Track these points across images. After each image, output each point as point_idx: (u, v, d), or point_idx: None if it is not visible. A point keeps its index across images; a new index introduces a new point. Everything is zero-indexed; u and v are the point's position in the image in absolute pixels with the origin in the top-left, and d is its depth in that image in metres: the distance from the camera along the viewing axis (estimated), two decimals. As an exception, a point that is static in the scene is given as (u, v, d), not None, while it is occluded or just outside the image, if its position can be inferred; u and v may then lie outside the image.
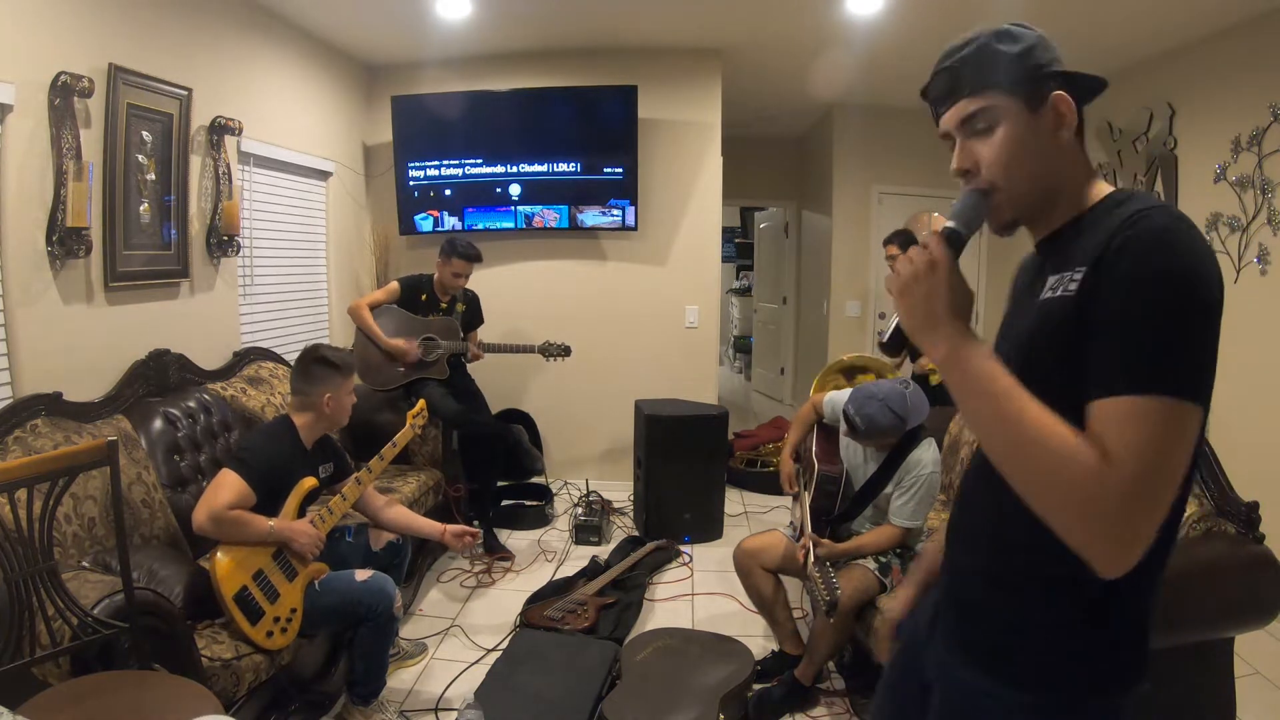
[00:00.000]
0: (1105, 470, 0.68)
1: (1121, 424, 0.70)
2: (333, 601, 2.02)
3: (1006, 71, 0.83)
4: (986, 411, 0.76)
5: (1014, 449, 0.74)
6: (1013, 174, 0.84)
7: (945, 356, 0.78)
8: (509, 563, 3.24)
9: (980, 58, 0.85)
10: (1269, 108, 2.96)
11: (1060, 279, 0.81)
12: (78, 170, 2.17)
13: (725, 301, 8.52)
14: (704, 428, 3.56)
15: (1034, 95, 0.83)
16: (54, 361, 2.20)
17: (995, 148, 0.84)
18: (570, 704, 2.07)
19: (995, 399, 0.75)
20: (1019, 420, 0.73)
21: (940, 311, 0.79)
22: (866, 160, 5.14)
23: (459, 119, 4.01)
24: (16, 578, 1.41)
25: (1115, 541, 0.69)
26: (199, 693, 1.45)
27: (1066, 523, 0.71)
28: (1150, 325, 0.71)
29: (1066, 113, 0.83)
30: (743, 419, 5.90)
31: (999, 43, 0.84)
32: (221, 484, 1.91)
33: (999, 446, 0.76)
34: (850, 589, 2.05)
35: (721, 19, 3.58)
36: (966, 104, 0.85)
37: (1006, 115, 0.83)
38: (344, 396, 2.19)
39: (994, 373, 0.76)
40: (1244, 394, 3.18)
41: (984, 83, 0.84)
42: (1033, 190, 0.86)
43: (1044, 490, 0.72)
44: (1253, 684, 2.31)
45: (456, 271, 3.36)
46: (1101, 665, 0.82)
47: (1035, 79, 0.83)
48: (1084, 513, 0.70)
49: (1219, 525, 1.71)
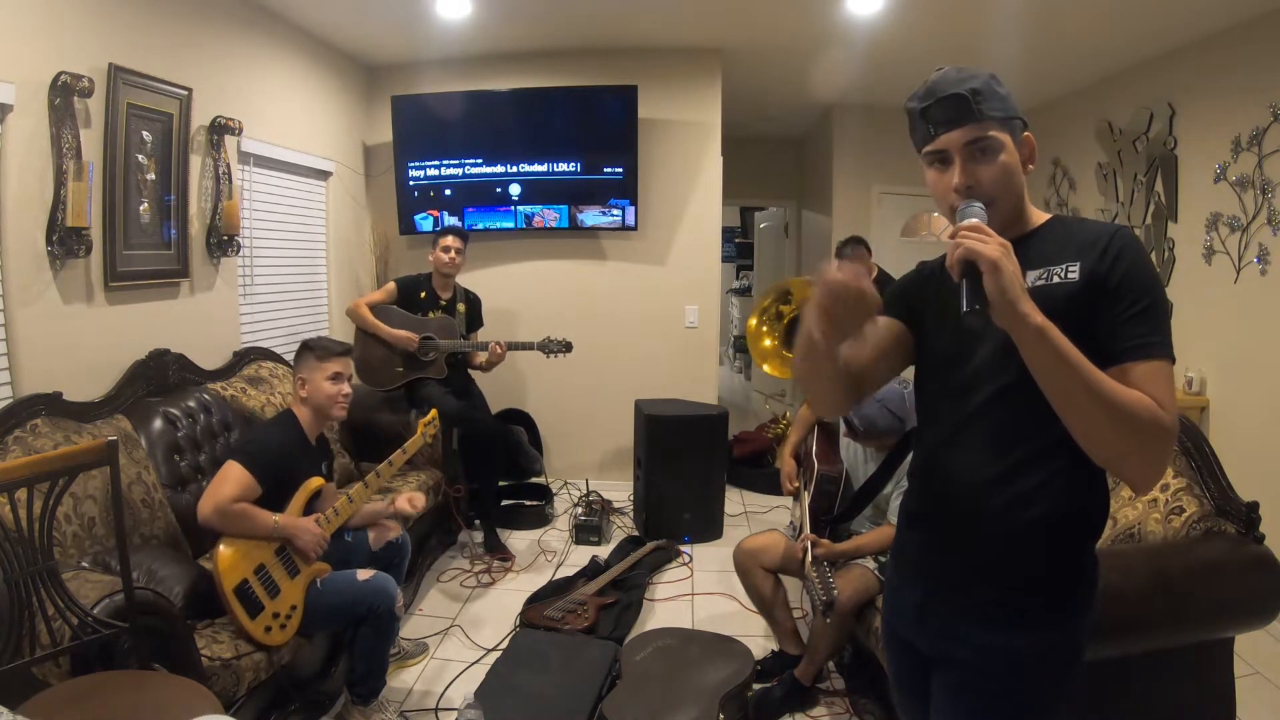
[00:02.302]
0: (1165, 416, 0.89)
1: (1160, 382, 0.91)
2: (334, 601, 2.02)
3: (1005, 109, 1.01)
4: (1074, 375, 0.89)
5: (1100, 405, 0.89)
6: (1005, 192, 1.02)
7: (1041, 325, 0.88)
8: (509, 563, 3.24)
9: (988, 93, 1.00)
10: (1269, 108, 2.96)
11: (1047, 271, 1.00)
12: (78, 170, 2.17)
13: (725, 301, 8.51)
14: (704, 428, 3.56)
15: (1015, 131, 1.02)
16: (54, 361, 2.20)
17: (997, 170, 1.00)
18: (570, 704, 2.07)
19: (1079, 365, 0.89)
20: (1099, 382, 0.89)
21: (1023, 286, 0.90)
22: (866, 160, 5.14)
23: (459, 119, 4.01)
24: (16, 578, 1.41)
25: (1163, 466, 0.94)
26: (199, 692, 1.45)
27: (1140, 458, 0.91)
28: (1160, 308, 0.94)
29: (1033, 148, 1.04)
30: (743, 419, 5.90)
31: (997, 85, 1.01)
32: (226, 477, 1.91)
33: (1084, 404, 0.90)
34: (850, 589, 2.05)
35: (721, 19, 3.58)
36: (974, 130, 0.99)
37: (1004, 145, 1.00)
38: (320, 380, 2.14)
39: (1069, 344, 0.89)
40: (1244, 394, 3.18)
41: (990, 114, 0.99)
42: (1014, 207, 1.05)
43: (1126, 435, 0.89)
44: (1253, 684, 2.31)
45: (446, 246, 3.35)
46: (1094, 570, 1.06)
47: (1016, 120, 1.02)
48: (1156, 450, 0.91)
49: (1219, 525, 1.70)
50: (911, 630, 1.14)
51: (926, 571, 1.12)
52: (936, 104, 1.00)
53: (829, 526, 2.22)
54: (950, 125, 1.00)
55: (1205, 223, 3.33)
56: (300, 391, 2.15)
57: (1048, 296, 0.95)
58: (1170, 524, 1.77)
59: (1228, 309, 3.23)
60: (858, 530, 2.28)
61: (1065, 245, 1.00)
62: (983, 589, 1.04)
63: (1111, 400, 0.88)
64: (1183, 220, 3.53)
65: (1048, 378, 0.91)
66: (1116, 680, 1.58)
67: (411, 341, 3.30)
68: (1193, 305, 3.44)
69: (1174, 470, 1.85)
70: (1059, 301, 0.96)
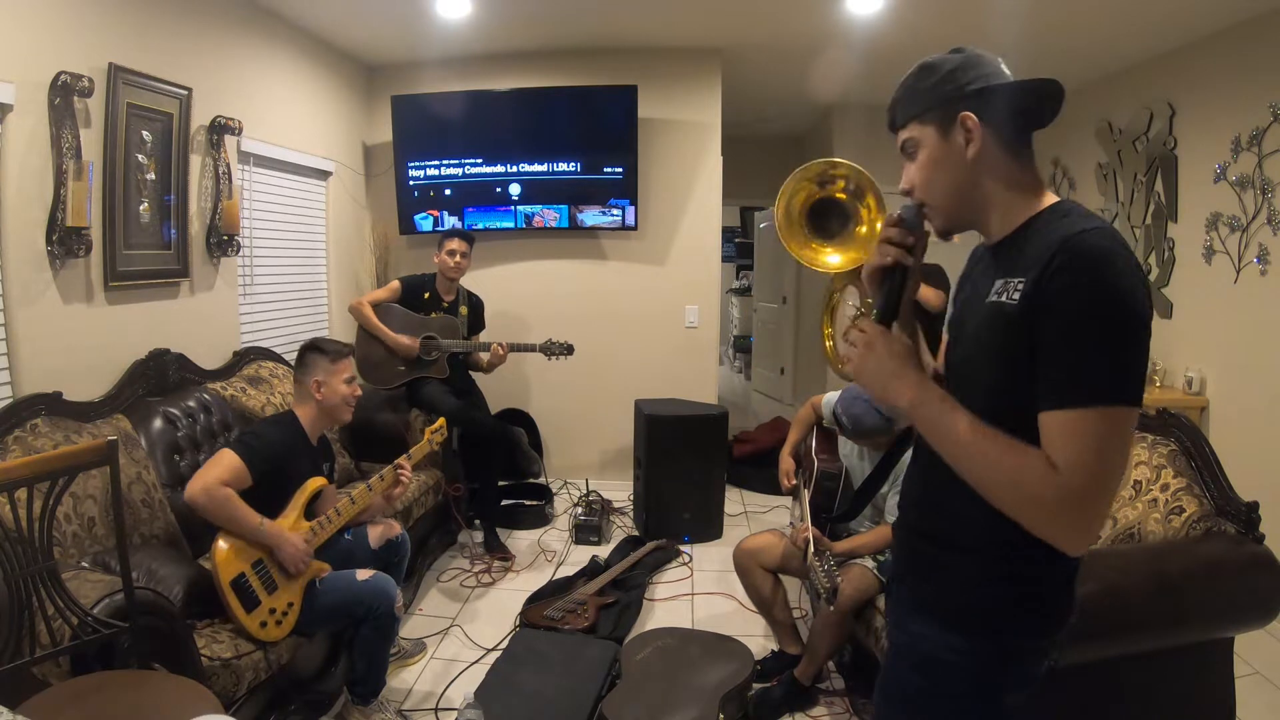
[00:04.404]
0: (1058, 480, 0.80)
1: (1067, 437, 0.80)
2: (334, 600, 2.02)
3: (920, 104, 0.96)
4: (951, 442, 0.88)
5: (980, 471, 0.86)
6: (931, 191, 0.97)
7: (911, 402, 0.91)
8: (509, 563, 3.24)
9: (904, 95, 0.98)
10: (1269, 108, 2.96)
11: (1005, 284, 0.90)
12: (78, 170, 2.17)
13: (725, 301, 8.52)
14: (704, 428, 3.56)
15: (945, 119, 0.94)
16: (54, 361, 2.20)
17: (917, 170, 0.98)
18: (570, 704, 2.07)
19: (956, 432, 0.86)
20: (979, 447, 0.85)
21: (894, 369, 0.93)
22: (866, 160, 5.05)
23: (459, 119, 4.01)
24: (16, 577, 1.41)
25: (1074, 531, 0.82)
26: (199, 692, 1.45)
27: (1030, 523, 0.83)
28: (1090, 341, 0.80)
29: (973, 129, 0.92)
30: (743, 419, 5.90)
31: (918, 80, 0.97)
32: (218, 461, 1.91)
33: (967, 470, 0.87)
34: (850, 588, 2.05)
35: (721, 19, 3.58)
36: (900, 135, 0.99)
37: (923, 142, 0.96)
38: (336, 384, 2.16)
39: (952, 410, 0.88)
40: (1244, 394, 3.18)
41: (906, 116, 0.98)
42: (952, 203, 0.97)
43: (1008, 500, 0.84)
44: (1253, 684, 2.31)
45: (452, 249, 3.36)
46: (1034, 615, 0.96)
47: (945, 105, 0.93)
48: (1044, 515, 0.82)
49: (1219, 525, 1.70)
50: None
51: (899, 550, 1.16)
52: (887, 115, 1.03)
53: (829, 525, 2.22)
54: (893, 132, 1.02)
55: (1205, 223, 3.33)
56: (316, 394, 2.13)
57: (992, 319, 0.92)
58: (1170, 524, 1.77)
59: (1228, 309, 3.23)
60: (857, 530, 2.28)
61: (1030, 250, 0.89)
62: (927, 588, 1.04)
63: (992, 466, 0.84)
64: (1183, 220, 3.53)
65: (931, 440, 0.91)
66: (1116, 680, 1.58)
67: (411, 349, 3.30)
68: (1193, 305, 3.44)
69: (1174, 470, 1.85)
70: (998, 327, 0.90)
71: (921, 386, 0.91)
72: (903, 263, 1.00)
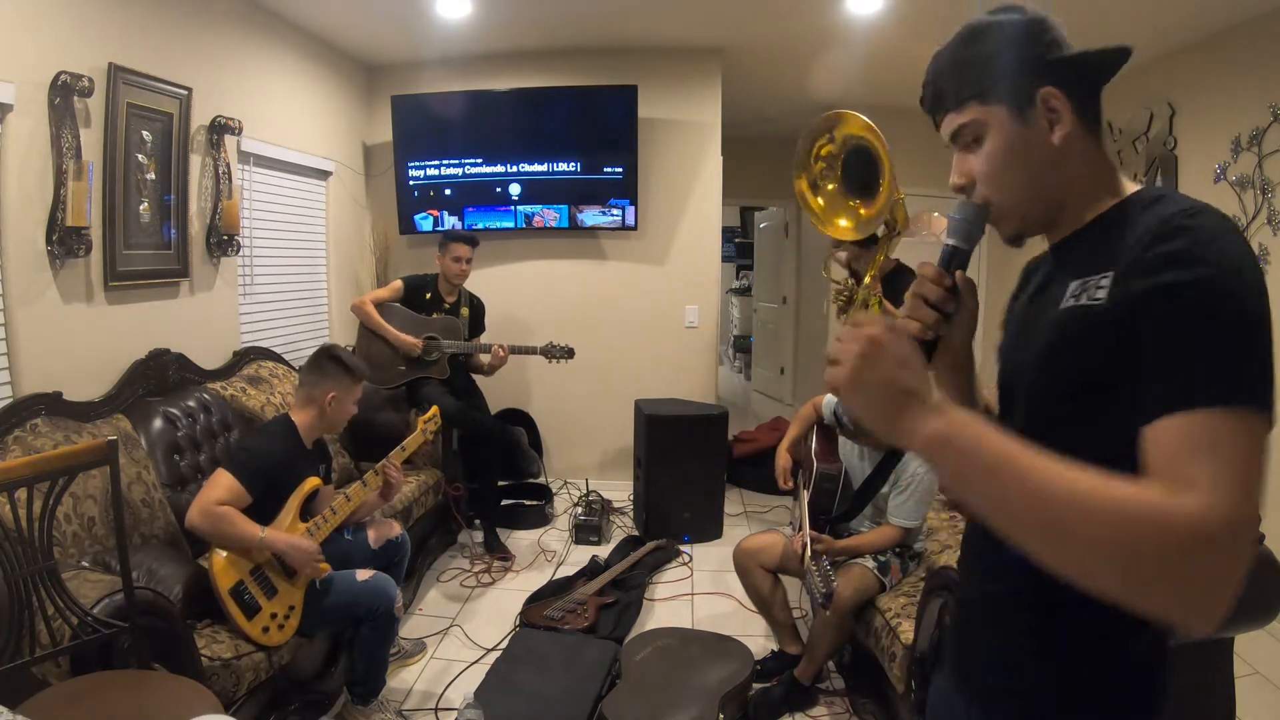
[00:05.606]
0: (1185, 506, 0.54)
1: (1196, 447, 0.57)
2: (334, 601, 2.02)
3: (980, 80, 0.77)
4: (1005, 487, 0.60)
5: (1051, 528, 0.58)
6: (1006, 187, 0.77)
7: (935, 437, 0.63)
8: (509, 563, 3.24)
9: (952, 69, 0.79)
10: (1269, 108, 2.96)
11: (1084, 284, 0.71)
12: (78, 170, 2.16)
13: (725, 301, 8.51)
14: (704, 428, 3.56)
15: (1019, 98, 0.75)
16: (54, 361, 2.20)
17: (984, 161, 0.78)
18: (570, 704, 2.07)
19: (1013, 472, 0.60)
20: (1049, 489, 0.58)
21: (909, 387, 0.65)
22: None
23: (459, 118, 4.01)
24: (16, 577, 1.41)
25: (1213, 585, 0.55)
26: (199, 692, 1.45)
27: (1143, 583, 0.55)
28: (1230, 333, 0.59)
29: (1059, 109, 0.74)
30: (743, 419, 5.90)
31: (968, 47, 0.78)
32: (215, 483, 1.90)
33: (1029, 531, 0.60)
34: (849, 589, 2.06)
35: (721, 19, 3.58)
36: (952, 119, 0.80)
37: (991, 126, 0.76)
38: (348, 401, 2.18)
39: (1000, 439, 0.61)
40: (1244, 394, 3.18)
41: (961, 95, 0.78)
42: (1032, 200, 0.78)
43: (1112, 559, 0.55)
44: (1253, 684, 2.31)
45: (457, 256, 3.36)
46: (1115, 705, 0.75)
47: (1017, 80, 0.75)
48: (1169, 565, 0.54)
49: (1219, 525, 1.70)
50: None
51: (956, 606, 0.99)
52: (922, 95, 0.84)
53: (829, 525, 2.22)
54: (935, 115, 0.83)
55: (1205, 223, 3.33)
56: (326, 406, 2.12)
57: (1069, 326, 0.72)
58: (1170, 524, 1.76)
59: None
60: (858, 530, 2.28)
61: (1117, 242, 0.70)
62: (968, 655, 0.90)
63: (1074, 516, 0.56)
64: (1183, 220, 3.52)
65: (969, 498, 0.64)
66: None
67: (415, 347, 3.30)
68: (1193, 305, 3.43)
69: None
70: (1077, 337, 0.70)
71: (950, 409, 0.64)
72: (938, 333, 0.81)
